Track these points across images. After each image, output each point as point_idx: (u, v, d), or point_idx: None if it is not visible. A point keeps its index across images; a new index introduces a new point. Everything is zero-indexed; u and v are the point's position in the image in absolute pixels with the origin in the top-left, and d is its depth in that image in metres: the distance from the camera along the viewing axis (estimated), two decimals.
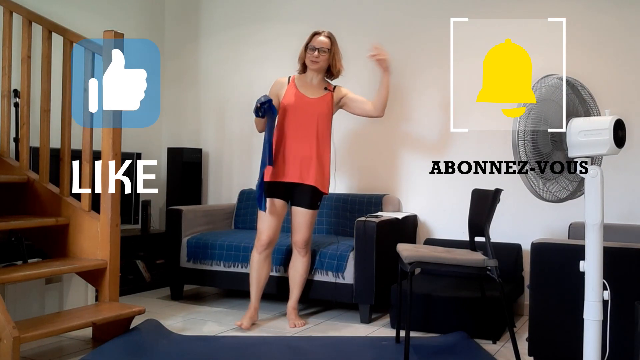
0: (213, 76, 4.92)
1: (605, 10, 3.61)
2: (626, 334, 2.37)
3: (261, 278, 3.46)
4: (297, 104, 3.42)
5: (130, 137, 4.77)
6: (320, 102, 3.44)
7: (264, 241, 3.41)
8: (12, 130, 3.67)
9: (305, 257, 3.47)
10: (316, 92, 3.47)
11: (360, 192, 4.27)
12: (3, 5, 3.45)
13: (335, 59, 3.48)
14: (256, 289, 3.45)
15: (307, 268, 3.49)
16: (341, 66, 3.52)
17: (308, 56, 3.43)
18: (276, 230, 3.44)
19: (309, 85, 3.48)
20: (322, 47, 3.42)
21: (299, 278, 3.47)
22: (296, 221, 3.43)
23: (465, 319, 3.21)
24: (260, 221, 3.43)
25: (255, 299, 3.45)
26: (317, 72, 3.48)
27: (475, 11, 3.95)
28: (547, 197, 2.11)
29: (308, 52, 3.44)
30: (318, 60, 3.41)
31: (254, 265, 3.45)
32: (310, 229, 3.44)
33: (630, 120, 3.50)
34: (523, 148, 2.05)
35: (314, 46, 3.42)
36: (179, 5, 5.10)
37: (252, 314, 3.42)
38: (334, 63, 3.48)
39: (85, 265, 3.10)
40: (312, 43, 3.44)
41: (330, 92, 3.50)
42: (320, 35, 3.45)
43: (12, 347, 2.41)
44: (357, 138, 4.31)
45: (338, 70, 3.51)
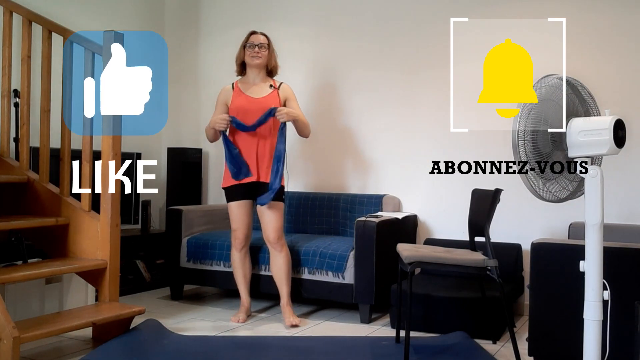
0: (213, 76, 4.92)
1: (605, 11, 3.61)
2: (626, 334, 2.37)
3: (246, 274, 3.61)
4: (245, 107, 3.50)
5: (130, 137, 4.77)
6: (268, 100, 3.52)
7: (241, 238, 3.54)
8: (12, 130, 3.67)
9: (282, 252, 3.49)
10: (262, 91, 3.56)
11: (360, 192, 4.27)
12: (3, 5, 3.44)
13: (271, 56, 3.61)
14: (244, 285, 3.60)
15: (288, 262, 3.51)
16: (277, 64, 3.65)
17: (248, 53, 3.55)
18: (249, 226, 3.57)
19: (253, 86, 3.58)
20: (261, 42, 3.55)
21: (283, 274, 3.49)
22: (264, 218, 3.48)
23: (465, 319, 3.21)
24: (233, 221, 3.54)
25: (245, 295, 3.60)
26: (259, 68, 3.57)
27: (476, 11, 3.95)
28: (547, 197, 2.11)
29: (248, 50, 3.55)
30: (260, 55, 3.53)
31: (237, 263, 3.59)
32: (279, 221, 3.48)
33: (630, 120, 3.50)
34: (523, 148, 2.05)
35: (253, 43, 3.55)
36: (179, 5, 5.10)
37: (246, 308, 3.57)
38: (269, 59, 3.60)
39: (85, 265, 3.10)
40: (250, 41, 3.57)
41: (276, 89, 3.58)
42: (257, 34, 3.60)
43: (12, 347, 2.41)
44: (357, 138, 4.31)
45: (274, 66, 3.63)
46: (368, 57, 4.29)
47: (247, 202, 3.53)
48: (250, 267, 3.64)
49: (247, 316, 3.56)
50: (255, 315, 3.66)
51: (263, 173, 3.48)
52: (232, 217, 3.55)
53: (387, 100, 4.21)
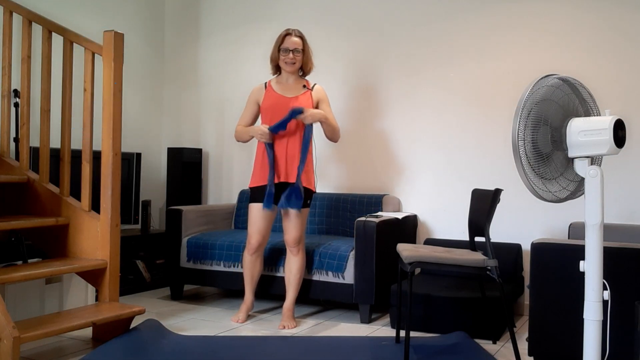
0: (213, 76, 4.93)
1: (605, 11, 3.61)
2: (626, 334, 2.37)
3: (254, 275, 3.57)
4: (277, 105, 3.43)
5: (130, 137, 4.79)
6: (300, 100, 3.45)
7: (254, 245, 3.48)
8: (12, 130, 3.68)
9: (297, 256, 3.47)
10: (294, 91, 3.49)
11: (360, 192, 4.27)
12: (3, 5, 3.44)
13: (307, 58, 3.52)
14: (250, 285, 3.57)
15: (302, 267, 3.49)
16: (312, 64, 3.56)
17: (282, 58, 3.46)
18: (266, 234, 3.49)
19: (286, 85, 3.51)
20: (296, 47, 3.45)
21: (293, 278, 3.48)
22: (287, 221, 3.44)
23: (465, 319, 3.21)
24: (250, 225, 3.48)
25: (249, 294, 3.58)
26: (293, 73, 3.51)
27: (476, 12, 3.95)
28: (547, 197, 2.11)
29: (282, 54, 3.46)
30: (294, 62, 3.45)
31: (247, 264, 3.55)
32: (301, 228, 3.45)
33: (630, 120, 3.52)
34: (523, 148, 2.05)
35: (288, 48, 3.44)
36: (179, 5, 5.10)
37: (247, 307, 3.55)
38: (305, 62, 3.51)
39: (85, 265, 3.10)
40: (285, 45, 3.45)
41: (309, 89, 3.51)
42: (292, 36, 3.46)
43: (12, 347, 2.41)
44: (357, 138, 4.31)
45: (310, 68, 3.55)
46: (366, 58, 4.30)
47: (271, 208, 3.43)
48: (260, 269, 3.58)
49: (248, 316, 3.56)
50: (256, 316, 3.66)
51: (291, 174, 3.39)
52: (250, 221, 3.47)
53: (386, 102, 4.21)
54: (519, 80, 3.80)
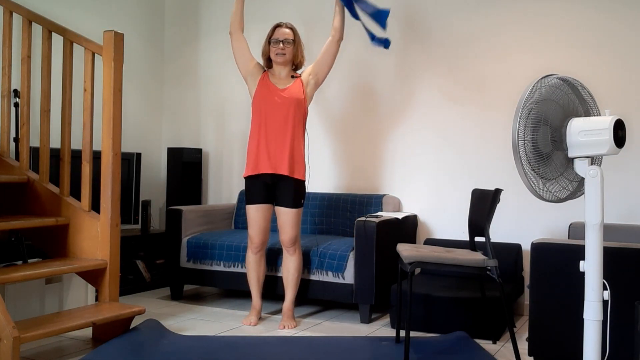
0: (213, 76, 4.93)
1: (605, 10, 3.61)
2: (626, 334, 2.37)
3: (260, 276, 3.54)
4: (269, 96, 3.40)
5: (130, 137, 4.79)
6: (291, 90, 3.42)
7: (257, 243, 3.48)
8: (12, 130, 3.68)
9: (294, 256, 3.47)
10: (286, 83, 3.46)
11: (360, 192, 4.27)
12: (3, 5, 3.44)
13: (298, 49, 3.49)
14: (257, 287, 3.54)
15: (299, 266, 3.49)
16: (303, 57, 3.53)
17: (273, 49, 3.43)
18: (266, 232, 3.50)
19: (279, 78, 3.48)
20: (287, 38, 3.42)
21: (291, 278, 3.48)
22: (281, 221, 3.44)
23: (465, 319, 3.21)
24: (250, 226, 3.47)
25: (257, 297, 3.54)
26: (284, 65, 3.46)
27: (476, 11, 3.95)
28: (547, 197, 2.11)
29: (272, 46, 3.43)
30: (285, 52, 3.41)
31: (251, 265, 3.52)
32: (296, 227, 3.44)
33: (630, 120, 3.52)
34: (523, 148, 2.05)
35: (278, 38, 3.42)
36: (178, 5, 5.10)
37: (257, 311, 3.52)
38: (296, 54, 3.48)
39: (85, 265, 3.10)
40: (275, 36, 3.43)
41: (298, 78, 3.50)
42: (283, 27, 3.44)
43: (12, 347, 2.41)
44: (357, 138, 4.31)
45: (300, 61, 3.52)
46: (367, 57, 4.30)
47: (266, 206, 3.45)
48: (264, 269, 3.58)
49: (259, 319, 3.53)
50: (267, 317, 3.63)
51: (281, 165, 3.35)
52: (250, 222, 3.47)
53: (386, 101, 4.21)
54: (519, 80, 3.80)
